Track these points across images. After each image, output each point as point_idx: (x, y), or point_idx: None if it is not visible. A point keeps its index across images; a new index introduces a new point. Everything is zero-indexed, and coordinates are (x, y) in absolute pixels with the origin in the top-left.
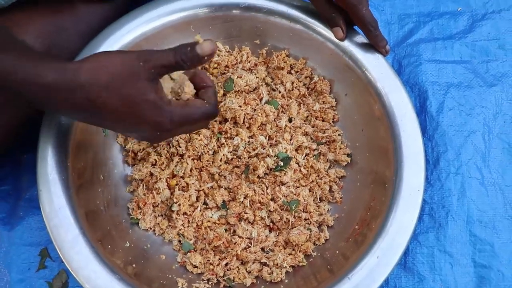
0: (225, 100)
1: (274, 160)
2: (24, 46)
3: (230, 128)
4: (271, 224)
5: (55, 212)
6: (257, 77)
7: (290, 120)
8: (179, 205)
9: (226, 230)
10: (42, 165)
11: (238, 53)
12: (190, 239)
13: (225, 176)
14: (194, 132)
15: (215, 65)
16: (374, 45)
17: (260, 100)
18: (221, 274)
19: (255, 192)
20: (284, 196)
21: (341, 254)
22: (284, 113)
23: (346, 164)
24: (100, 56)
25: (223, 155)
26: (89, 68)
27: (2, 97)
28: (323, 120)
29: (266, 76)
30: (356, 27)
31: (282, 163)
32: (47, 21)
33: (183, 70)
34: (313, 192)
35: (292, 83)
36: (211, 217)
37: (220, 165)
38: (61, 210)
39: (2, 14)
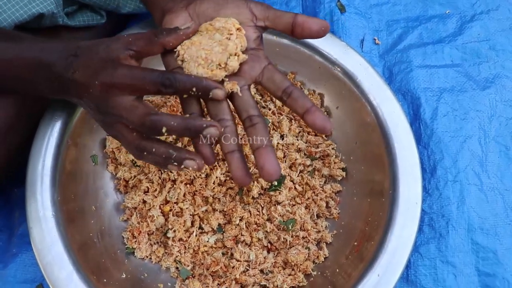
0: None
1: None
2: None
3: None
4: (269, 244)
5: (47, 249)
6: None
7: (282, 137)
8: (174, 231)
9: (223, 254)
10: (32, 201)
11: None
12: (188, 265)
13: (219, 199)
14: None
15: None
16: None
17: None
18: None
19: (250, 213)
20: (280, 215)
21: (342, 271)
22: (276, 131)
23: (341, 178)
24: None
25: (216, 177)
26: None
27: None
28: (315, 135)
29: (255, 93)
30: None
31: (276, 183)
32: None
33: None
34: (309, 210)
35: None
36: (208, 241)
37: (214, 188)
38: (53, 247)
39: None
